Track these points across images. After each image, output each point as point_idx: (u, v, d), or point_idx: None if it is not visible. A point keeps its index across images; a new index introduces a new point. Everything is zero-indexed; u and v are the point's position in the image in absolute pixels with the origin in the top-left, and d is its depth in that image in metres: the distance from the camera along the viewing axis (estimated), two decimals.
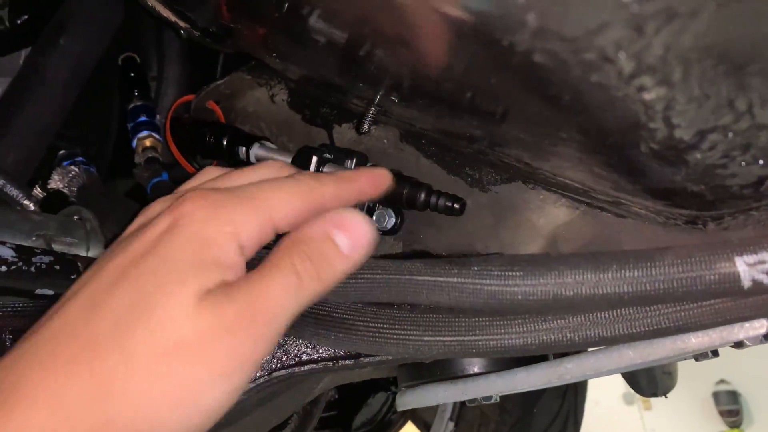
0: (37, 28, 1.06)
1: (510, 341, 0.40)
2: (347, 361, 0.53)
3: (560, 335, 0.40)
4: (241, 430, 0.54)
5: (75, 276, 0.47)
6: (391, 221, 0.60)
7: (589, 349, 0.51)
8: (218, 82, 0.74)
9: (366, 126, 0.55)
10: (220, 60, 0.93)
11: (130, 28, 0.94)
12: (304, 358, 0.53)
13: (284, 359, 0.53)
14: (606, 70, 0.32)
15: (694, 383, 2.74)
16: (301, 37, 0.48)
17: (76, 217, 0.62)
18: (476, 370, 0.62)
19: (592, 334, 0.40)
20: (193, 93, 0.97)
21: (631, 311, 0.39)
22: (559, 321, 0.41)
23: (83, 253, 0.59)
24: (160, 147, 0.78)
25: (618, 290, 0.36)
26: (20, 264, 0.44)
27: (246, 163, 0.67)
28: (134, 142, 0.78)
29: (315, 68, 0.55)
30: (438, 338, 0.42)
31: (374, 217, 0.60)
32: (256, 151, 0.66)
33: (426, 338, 0.42)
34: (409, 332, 0.42)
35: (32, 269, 0.45)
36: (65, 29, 0.85)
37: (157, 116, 0.87)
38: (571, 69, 0.33)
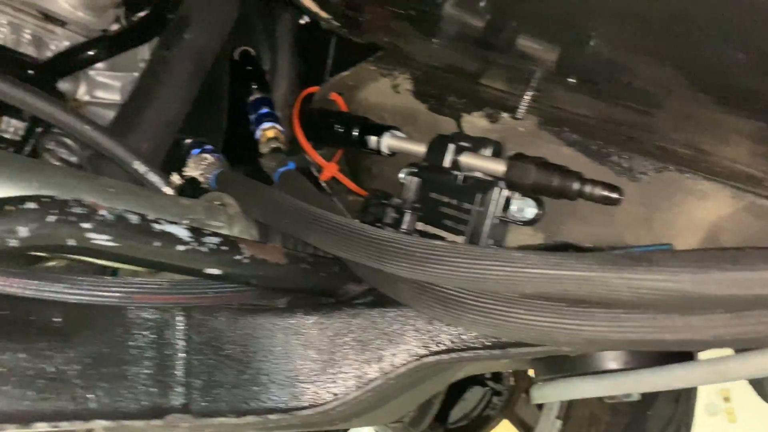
0: (153, 25, 1.11)
1: (701, 335, 0.38)
2: (495, 351, 0.52)
3: (753, 329, 0.38)
4: (387, 412, 0.54)
5: (239, 257, 0.48)
6: (531, 211, 0.58)
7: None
8: (344, 74, 0.75)
9: (522, 111, 0.54)
10: (330, 53, 0.94)
11: (243, 23, 0.96)
12: (452, 345, 0.52)
13: (433, 346, 0.52)
14: None
15: None
16: (454, 27, 0.48)
17: (217, 202, 0.64)
18: (614, 365, 0.60)
19: None
20: (303, 86, 0.98)
21: None
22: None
23: None
24: (282, 137, 0.79)
25: None
26: (195, 244, 0.45)
27: (376, 152, 0.67)
28: (258, 133, 0.80)
29: (456, 54, 0.55)
30: (617, 333, 0.40)
31: (514, 207, 0.59)
32: (387, 140, 0.66)
33: (601, 331, 0.41)
34: (582, 324, 0.41)
35: (204, 249, 0.46)
36: (189, 24, 0.87)
37: None
38: None
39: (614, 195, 0.50)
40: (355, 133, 0.67)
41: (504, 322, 0.44)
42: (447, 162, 0.60)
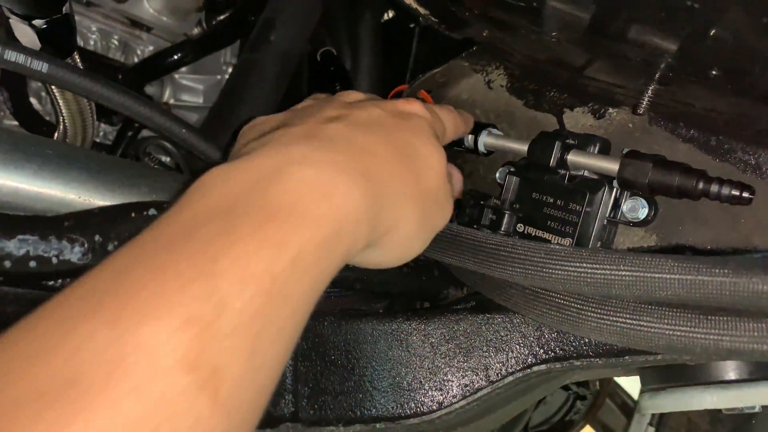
0: (235, 28, 1.12)
1: None
2: (610, 359, 0.49)
3: None
4: (492, 420, 0.52)
5: None
6: (643, 212, 0.55)
7: None
8: (434, 71, 0.73)
9: (644, 106, 0.51)
10: (412, 51, 0.93)
11: (324, 22, 0.96)
12: (563, 353, 0.50)
13: (542, 354, 0.50)
14: None
15: None
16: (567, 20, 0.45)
17: None
18: (735, 376, 0.56)
19: None
20: (385, 84, 0.97)
21: None
22: None
23: None
24: None
25: None
26: None
27: (473, 150, 0.65)
28: None
29: (564, 46, 0.52)
30: (764, 344, 0.37)
31: (625, 207, 0.56)
32: (484, 138, 0.64)
33: (744, 341, 0.37)
34: (723, 334, 0.38)
35: None
36: (274, 27, 0.87)
37: None
38: None
39: (746, 194, 0.46)
40: None
41: (631, 331, 0.41)
42: (553, 161, 0.57)
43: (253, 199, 0.28)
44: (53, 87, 0.65)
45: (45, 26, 0.58)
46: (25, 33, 0.59)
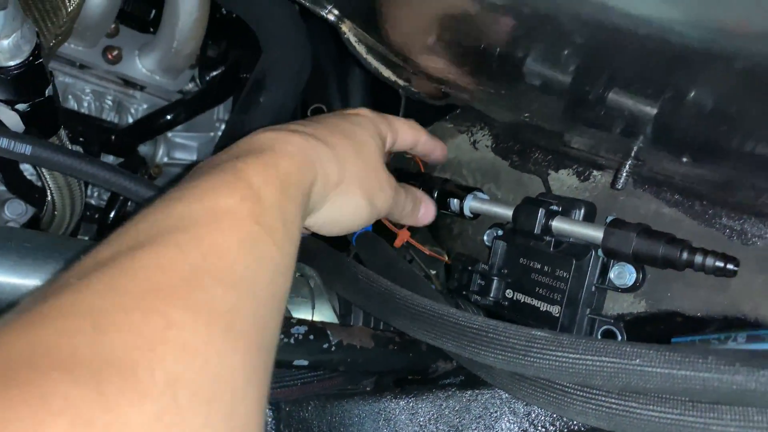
0: (228, 86, 1.13)
1: None
2: None
3: None
4: None
5: (326, 345, 0.46)
6: (631, 278, 0.54)
7: None
8: None
9: (622, 182, 0.50)
10: (401, 109, 0.93)
11: (315, 78, 0.97)
12: (553, 429, 0.49)
13: (532, 430, 0.49)
14: None
15: None
16: (534, 92, 0.45)
17: (298, 274, 0.63)
18: None
19: None
20: None
21: None
22: None
23: (309, 312, 0.59)
24: None
25: None
26: (282, 336, 0.44)
27: (459, 214, 0.65)
28: None
29: (545, 120, 0.52)
30: None
31: (612, 273, 0.55)
32: (470, 203, 0.63)
33: (732, 430, 0.36)
34: (710, 422, 0.37)
35: (292, 340, 0.45)
36: (264, 87, 0.88)
37: None
38: None
39: (730, 266, 0.46)
40: (435, 195, 0.64)
41: (618, 416, 0.40)
42: (537, 228, 0.56)
43: (265, 146, 0.42)
44: None
45: (28, 109, 0.58)
46: (9, 116, 0.59)
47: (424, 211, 0.61)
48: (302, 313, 0.58)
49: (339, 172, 0.48)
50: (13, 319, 0.26)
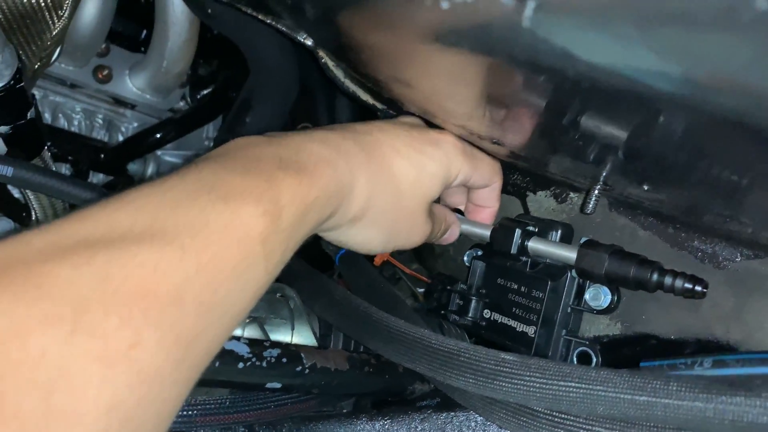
0: (217, 104, 1.14)
1: None
2: None
3: None
4: None
5: (300, 368, 0.46)
6: (606, 299, 0.55)
7: None
8: None
9: (591, 206, 0.51)
10: None
11: (303, 97, 0.98)
12: None
13: None
14: None
15: None
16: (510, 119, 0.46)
17: (279, 294, 0.63)
18: None
19: None
20: None
21: None
22: None
23: (289, 334, 0.60)
24: None
25: None
26: (254, 359, 0.44)
27: None
28: None
29: (520, 147, 0.52)
30: None
31: (588, 295, 0.55)
32: None
33: None
34: None
35: (264, 363, 0.45)
36: (251, 107, 0.89)
37: None
38: None
39: (699, 288, 0.46)
40: None
41: None
42: (514, 248, 0.57)
43: (310, 162, 0.41)
44: None
45: (10, 132, 0.59)
46: None
47: (449, 235, 0.61)
48: (281, 335, 0.58)
49: (363, 209, 0.46)
50: None
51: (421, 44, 0.33)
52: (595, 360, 0.54)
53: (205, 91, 1.19)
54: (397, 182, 0.49)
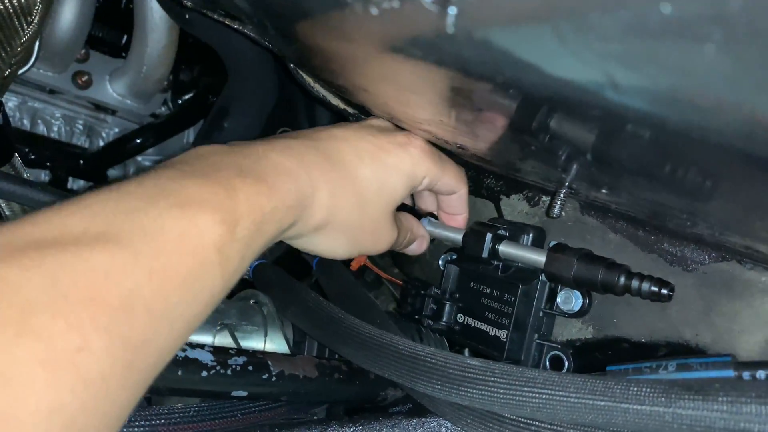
0: (197, 109, 1.14)
1: None
2: None
3: None
4: None
5: (267, 376, 0.46)
6: (577, 303, 0.55)
7: None
8: None
9: (557, 210, 0.51)
10: None
11: (284, 104, 0.98)
12: None
13: None
14: None
15: None
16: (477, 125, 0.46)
17: (252, 300, 0.63)
18: None
19: None
20: None
21: None
22: None
23: (261, 341, 0.59)
24: None
25: None
26: (218, 368, 0.44)
27: None
28: None
29: (490, 152, 0.52)
30: None
31: (559, 299, 0.55)
32: (425, 226, 0.64)
33: None
34: None
35: (229, 372, 0.44)
36: (229, 113, 0.89)
37: None
38: None
39: (665, 291, 0.46)
40: None
41: None
42: (485, 252, 0.57)
43: (269, 172, 0.41)
44: None
45: None
46: None
47: (416, 247, 0.61)
48: (254, 342, 0.58)
49: (325, 217, 0.46)
50: None
51: (364, 51, 0.33)
52: (567, 364, 0.54)
53: (187, 96, 1.19)
54: (361, 189, 0.49)
